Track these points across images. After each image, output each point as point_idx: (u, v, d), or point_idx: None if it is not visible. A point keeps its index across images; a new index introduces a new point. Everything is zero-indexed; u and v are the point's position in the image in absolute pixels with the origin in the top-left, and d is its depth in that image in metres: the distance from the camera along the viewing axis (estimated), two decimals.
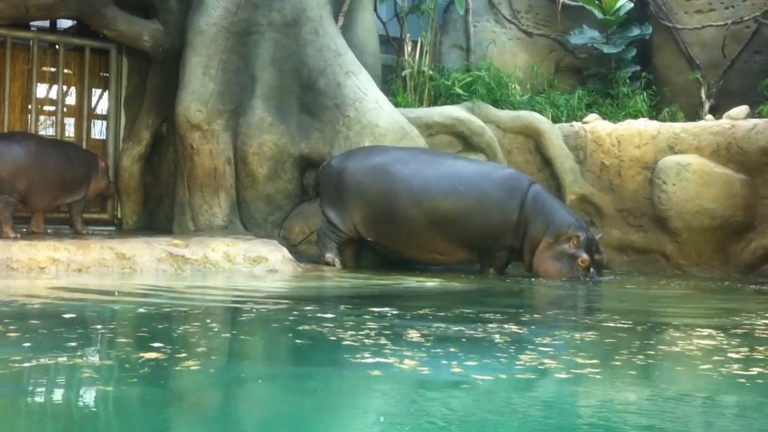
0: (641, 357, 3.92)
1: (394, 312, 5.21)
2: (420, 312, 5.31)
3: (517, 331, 4.59)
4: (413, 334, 4.30)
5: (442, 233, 8.54)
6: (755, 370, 3.56)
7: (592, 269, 8.28)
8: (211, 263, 7.86)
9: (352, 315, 5.04)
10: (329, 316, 4.98)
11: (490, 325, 4.71)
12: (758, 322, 5.24)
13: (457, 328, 4.60)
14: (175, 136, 9.92)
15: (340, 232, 8.79)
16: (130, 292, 6.28)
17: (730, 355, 3.95)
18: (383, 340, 4.09)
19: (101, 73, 11.10)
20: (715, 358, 3.88)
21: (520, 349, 3.96)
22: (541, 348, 4.03)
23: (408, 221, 8.53)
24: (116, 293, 6.11)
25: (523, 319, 5.23)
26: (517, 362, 3.66)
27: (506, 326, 4.71)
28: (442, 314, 5.24)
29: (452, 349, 3.91)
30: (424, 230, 8.54)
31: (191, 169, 9.60)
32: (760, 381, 3.40)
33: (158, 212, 10.77)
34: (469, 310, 5.57)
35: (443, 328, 4.58)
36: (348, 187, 8.72)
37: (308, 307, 5.40)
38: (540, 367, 3.60)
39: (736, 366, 3.67)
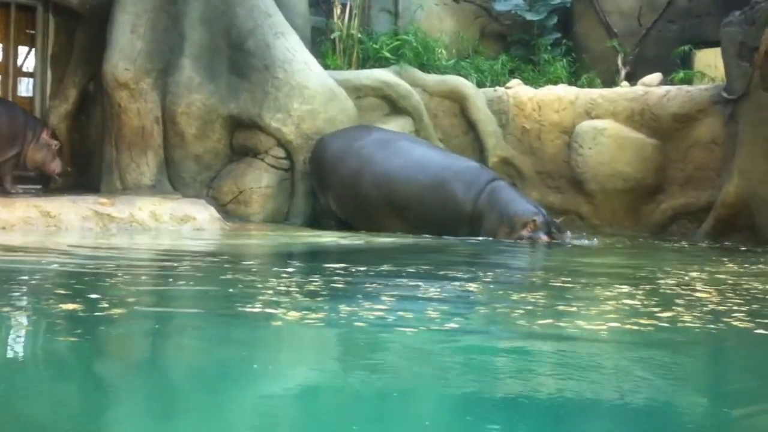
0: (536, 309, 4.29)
1: (307, 267, 5.49)
2: (331, 267, 5.59)
3: (416, 283, 4.92)
4: (315, 287, 4.59)
5: (400, 217, 8.91)
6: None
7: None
8: (138, 222, 8.02)
9: (268, 271, 5.30)
10: (250, 270, 5.23)
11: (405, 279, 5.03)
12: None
13: (365, 281, 4.91)
14: (102, 95, 9.93)
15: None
16: (52, 249, 6.42)
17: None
18: (293, 293, 4.38)
19: (27, 31, 11.00)
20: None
21: (415, 300, 4.29)
22: (432, 299, 4.37)
23: (368, 202, 8.93)
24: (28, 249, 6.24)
25: (426, 272, 5.55)
26: (410, 311, 3.99)
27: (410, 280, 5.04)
28: (353, 269, 5.55)
29: (346, 300, 4.23)
30: (384, 213, 8.93)
31: (119, 128, 9.65)
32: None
33: (86, 171, 10.77)
34: (383, 266, 5.87)
35: (350, 281, 4.89)
36: (327, 166, 9.17)
37: (229, 265, 5.64)
38: (423, 316, 3.93)
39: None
